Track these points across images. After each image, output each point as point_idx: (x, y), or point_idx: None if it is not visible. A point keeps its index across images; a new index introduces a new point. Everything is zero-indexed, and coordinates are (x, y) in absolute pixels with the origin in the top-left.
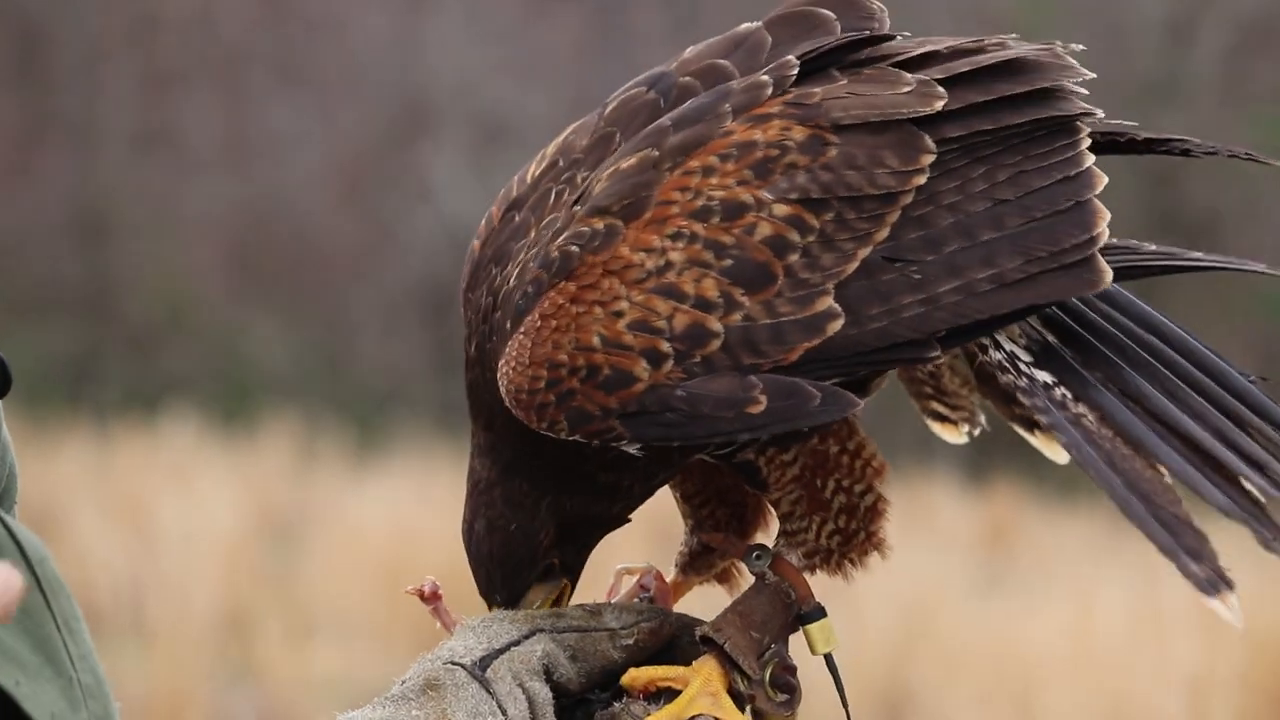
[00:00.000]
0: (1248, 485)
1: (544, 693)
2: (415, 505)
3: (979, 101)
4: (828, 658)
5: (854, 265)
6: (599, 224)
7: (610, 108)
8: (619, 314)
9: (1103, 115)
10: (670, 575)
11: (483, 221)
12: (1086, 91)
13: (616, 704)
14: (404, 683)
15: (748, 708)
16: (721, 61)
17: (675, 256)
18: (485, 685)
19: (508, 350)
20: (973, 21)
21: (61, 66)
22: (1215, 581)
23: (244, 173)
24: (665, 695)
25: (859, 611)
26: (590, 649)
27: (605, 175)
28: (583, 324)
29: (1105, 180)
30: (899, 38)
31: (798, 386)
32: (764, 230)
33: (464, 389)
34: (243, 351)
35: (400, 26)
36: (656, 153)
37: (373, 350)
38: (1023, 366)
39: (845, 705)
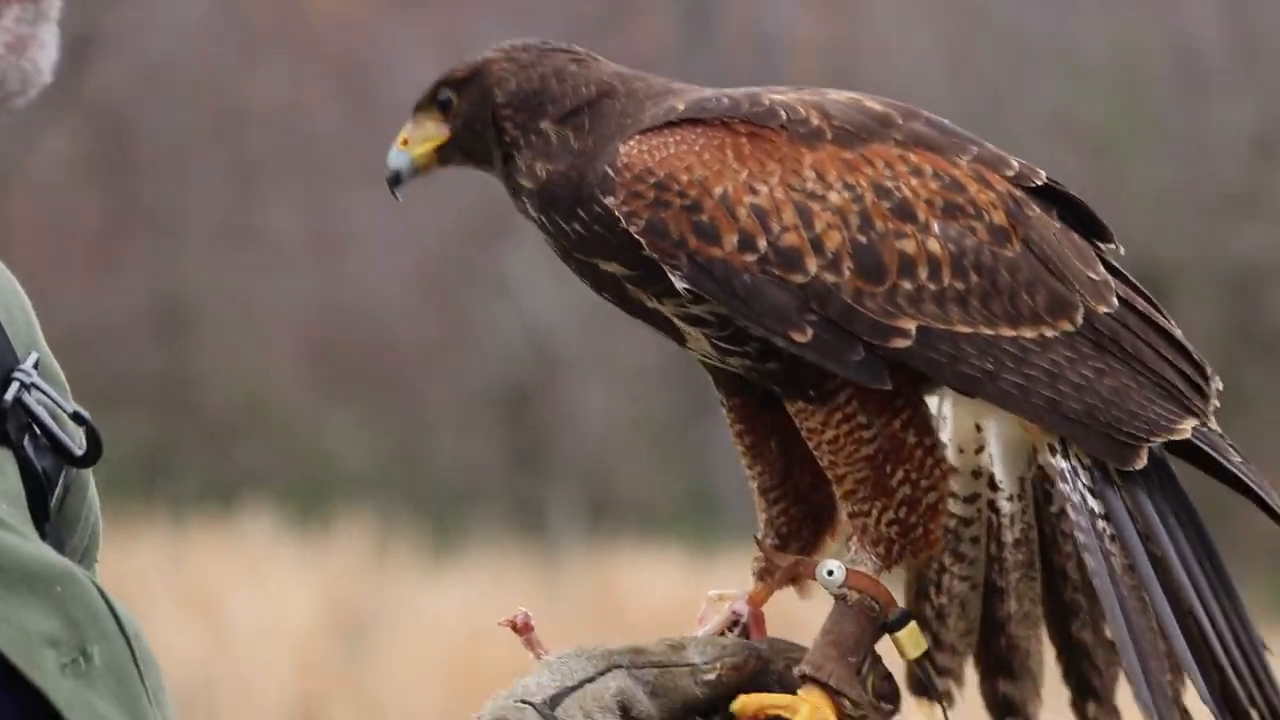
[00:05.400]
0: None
1: None
2: (489, 604)
3: (1134, 326)
4: (919, 661)
5: (945, 330)
6: (814, 117)
7: None
8: (755, 190)
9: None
10: (750, 586)
11: None
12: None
13: None
14: None
15: None
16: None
17: (834, 197)
18: None
19: (649, 132)
20: (1054, 132)
21: (147, 160)
22: None
23: (325, 268)
24: None
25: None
26: (670, 685)
27: (843, 97)
28: (723, 171)
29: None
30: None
31: (851, 338)
32: (907, 245)
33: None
34: (320, 447)
35: None
36: (899, 120)
37: (450, 448)
38: (1081, 484)
39: (941, 705)
